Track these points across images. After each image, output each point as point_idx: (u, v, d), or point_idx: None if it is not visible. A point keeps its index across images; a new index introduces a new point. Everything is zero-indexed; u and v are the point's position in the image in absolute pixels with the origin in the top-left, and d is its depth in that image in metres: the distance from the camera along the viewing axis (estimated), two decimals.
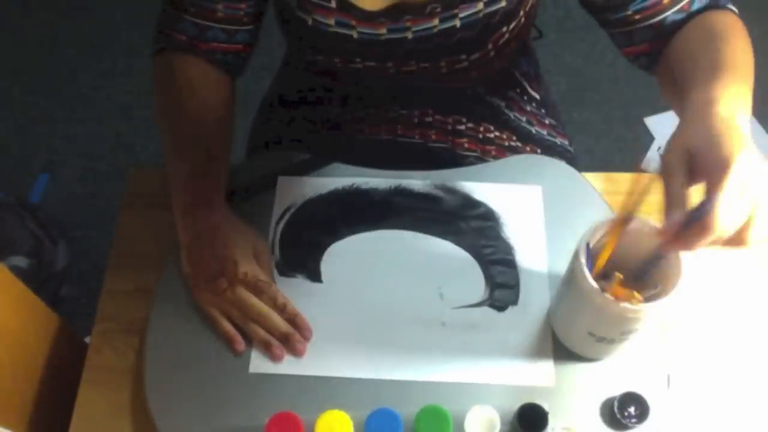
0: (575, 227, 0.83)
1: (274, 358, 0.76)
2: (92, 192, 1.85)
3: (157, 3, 0.87)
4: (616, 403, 0.71)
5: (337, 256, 0.83)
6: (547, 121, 1.04)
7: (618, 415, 0.71)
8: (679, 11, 0.77)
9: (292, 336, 0.77)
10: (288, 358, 0.76)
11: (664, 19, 0.78)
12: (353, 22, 0.81)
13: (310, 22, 0.82)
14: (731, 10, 0.78)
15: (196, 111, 0.84)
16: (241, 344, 0.77)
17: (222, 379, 0.76)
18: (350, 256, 0.83)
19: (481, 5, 0.79)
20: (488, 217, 0.85)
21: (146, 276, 0.84)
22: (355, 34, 0.82)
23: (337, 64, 0.87)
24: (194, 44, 0.85)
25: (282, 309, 0.77)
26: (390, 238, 0.84)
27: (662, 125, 1.88)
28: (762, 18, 1.92)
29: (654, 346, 0.76)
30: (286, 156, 0.90)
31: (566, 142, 1.05)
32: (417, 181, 0.87)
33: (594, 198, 0.86)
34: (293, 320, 0.77)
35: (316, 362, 0.76)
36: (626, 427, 0.71)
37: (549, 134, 1.03)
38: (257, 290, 0.77)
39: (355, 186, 0.87)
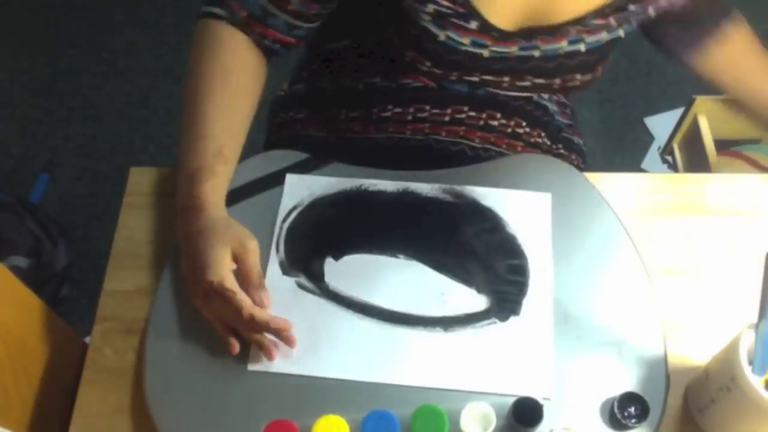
0: (580, 235, 0.83)
1: (269, 356, 0.76)
2: (92, 192, 1.85)
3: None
4: (616, 403, 0.71)
5: (342, 258, 0.83)
6: (566, 121, 1.04)
7: (618, 415, 0.71)
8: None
9: (281, 332, 0.75)
10: (288, 357, 0.76)
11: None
12: (489, 42, 0.83)
13: (441, 37, 0.82)
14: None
15: (226, 99, 0.82)
16: (233, 347, 0.75)
17: (222, 379, 0.76)
18: (354, 258, 0.83)
19: (605, 35, 0.84)
20: (496, 225, 0.84)
21: (146, 276, 0.84)
22: (486, 53, 0.84)
23: (451, 77, 0.90)
24: (251, 24, 0.83)
25: (250, 319, 0.73)
26: (396, 241, 0.84)
27: (662, 125, 1.88)
28: (762, 18, 1.93)
29: (654, 346, 0.76)
30: (288, 155, 0.90)
31: (581, 141, 1.06)
32: (425, 184, 0.87)
33: (598, 202, 0.86)
34: (266, 328, 0.74)
35: (316, 363, 0.76)
36: (626, 427, 0.71)
37: (571, 132, 1.04)
38: (225, 299, 0.74)
39: (363, 188, 0.87)
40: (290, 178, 0.88)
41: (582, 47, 0.85)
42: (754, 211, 0.88)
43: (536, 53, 0.85)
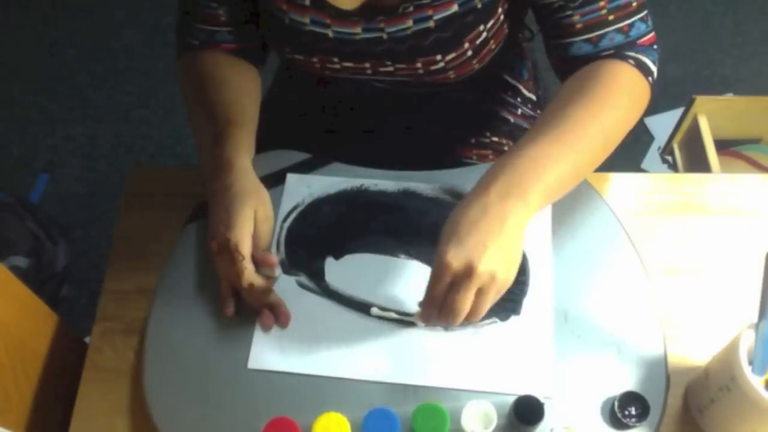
0: (580, 235, 0.83)
1: (263, 326, 0.77)
2: (92, 192, 1.85)
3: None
4: (616, 403, 0.71)
5: (342, 258, 0.83)
6: (526, 111, 1.04)
7: (618, 415, 0.71)
8: (587, 41, 0.79)
9: (277, 307, 0.78)
10: (288, 357, 0.76)
11: (571, 44, 0.80)
12: (328, 21, 0.82)
13: (286, 20, 0.83)
14: (638, 65, 0.79)
15: (216, 84, 0.86)
16: (227, 308, 0.78)
17: (221, 378, 0.76)
18: (355, 258, 0.83)
19: (455, 7, 0.79)
20: None
21: (146, 276, 0.84)
22: (330, 33, 0.83)
23: (315, 64, 0.88)
24: (207, 47, 0.89)
25: (248, 287, 0.76)
26: (396, 241, 0.83)
27: (662, 125, 1.88)
28: (762, 18, 1.96)
29: (654, 346, 0.76)
30: (288, 155, 0.90)
31: None
32: (425, 184, 0.87)
33: (598, 202, 0.86)
34: (262, 299, 0.77)
35: (317, 361, 0.76)
36: (627, 426, 0.71)
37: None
38: (231, 260, 0.76)
39: (363, 188, 0.87)
40: (291, 178, 0.88)
41: (431, 24, 0.80)
42: (754, 211, 0.88)
43: (384, 36, 0.83)
